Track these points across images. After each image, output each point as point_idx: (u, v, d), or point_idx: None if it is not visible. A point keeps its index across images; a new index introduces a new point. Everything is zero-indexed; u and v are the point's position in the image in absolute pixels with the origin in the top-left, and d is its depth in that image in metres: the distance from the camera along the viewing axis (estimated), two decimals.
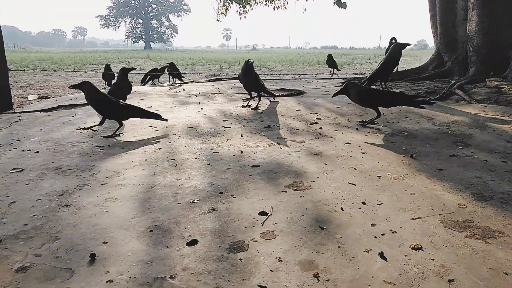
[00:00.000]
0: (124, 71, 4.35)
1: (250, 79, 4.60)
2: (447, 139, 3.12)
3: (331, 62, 9.61)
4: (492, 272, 1.38)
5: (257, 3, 12.91)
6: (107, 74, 7.05)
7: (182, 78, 8.08)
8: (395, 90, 5.48)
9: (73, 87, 3.48)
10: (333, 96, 3.77)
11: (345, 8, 9.17)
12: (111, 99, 3.42)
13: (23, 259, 1.47)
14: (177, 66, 7.99)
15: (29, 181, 2.28)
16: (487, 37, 5.87)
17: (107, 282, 1.33)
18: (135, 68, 6.65)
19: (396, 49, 5.08)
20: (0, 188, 2.18)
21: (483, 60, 5.95)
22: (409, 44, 5.23)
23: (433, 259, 1.46)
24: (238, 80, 7.58)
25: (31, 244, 1.58)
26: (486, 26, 5.84)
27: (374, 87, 5.32)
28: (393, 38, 6.07)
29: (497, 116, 3.88)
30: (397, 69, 6.24)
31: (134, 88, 6.79)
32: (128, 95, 4.41)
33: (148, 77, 8.07)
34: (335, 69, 9.85)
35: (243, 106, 4.69)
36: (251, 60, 4.61)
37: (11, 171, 2.46)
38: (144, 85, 7.83)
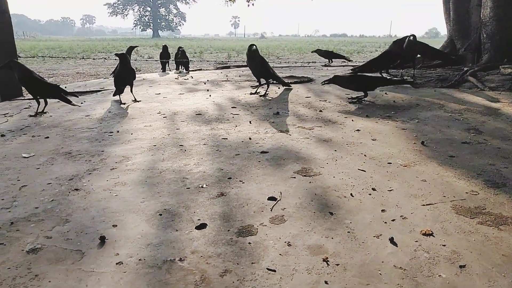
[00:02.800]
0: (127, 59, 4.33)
1: (256, 65, 4.57)
2: (459, 126, 3.07)
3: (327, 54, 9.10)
4: (504, 258, 1.36)
5: None
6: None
7: (188, 67, 7.92)
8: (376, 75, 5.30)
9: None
10: (322, 84, 4.32)
11: None
12: (38, 78, 3.74)
13: (34, 240, 1.49)
14: (186, 54, 7.85)
15: (39, 166, 2.30)
16: (501, 23, 5.72)
17: (117, 264, 1.34)
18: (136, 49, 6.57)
19: (395, 45, 5.19)
20: (11, 172, 2.20)
21: (497, 47, 5.82)
22: (411, 35, 5.20)
23: (444, 245, 1.44)
24: (246, 68, 7.52)
25: (42, 226, 1.60)
26: (501, 12, 5.69)
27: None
28: (412, 35, 5.65)
29: (510, 104, 3.80)
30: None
31: (142, 76, 6.80)
32: (138, 84, 4.40)
33: (165, 63, 7.94)
34: (330, 60, 9.11)
35: (251, 93, 4.66)
36: (254, 47, 4.55)
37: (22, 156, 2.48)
38: (163, 71, 7.83)
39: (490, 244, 1.45)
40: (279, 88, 5.00)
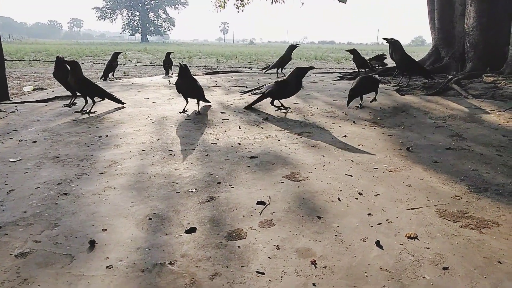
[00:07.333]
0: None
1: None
2: (444, 133, 3.15)
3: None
4: (486, 260, 1.41)
5: None
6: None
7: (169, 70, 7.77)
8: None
9: None
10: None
11: (345, 3, 9.14)
12: None
13: (23, 245, 1.48)
14: (171, 58, 7.84)
15: (27, 170, 2.29)
16: (484, 33, 5.89)
17: (107, 267, 1.35)
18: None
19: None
20: None
21: (480, 55, 5.98)
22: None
23: (428, 248, 1.48)
24: (235, 74, 7.56)
25: (31, 230, 1.59)
26: (484, 22, 5.86)
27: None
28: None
29: (493, 111, 3.91)
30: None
31: (131, 80, 6.78)
32: (126, 88, 4.39)
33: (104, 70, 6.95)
34: None
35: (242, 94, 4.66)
36: None
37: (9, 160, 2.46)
38: (103, 79, 6.95)
39: (472, 247, 1.50)
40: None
